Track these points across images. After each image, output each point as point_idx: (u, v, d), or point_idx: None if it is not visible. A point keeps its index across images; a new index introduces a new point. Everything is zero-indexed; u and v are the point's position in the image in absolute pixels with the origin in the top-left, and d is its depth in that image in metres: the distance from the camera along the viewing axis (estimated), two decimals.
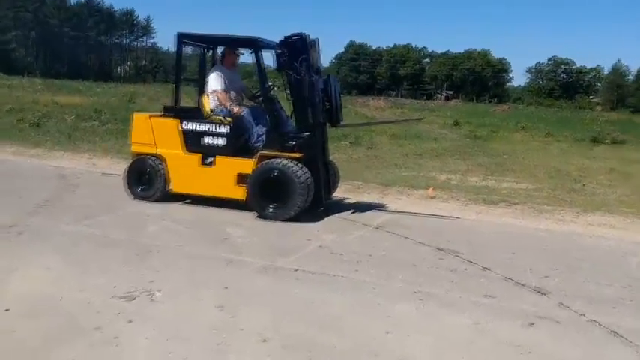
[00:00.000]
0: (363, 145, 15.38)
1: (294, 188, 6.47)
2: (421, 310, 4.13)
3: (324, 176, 7.08)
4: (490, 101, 62.62)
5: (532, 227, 7.17)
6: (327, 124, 7.23)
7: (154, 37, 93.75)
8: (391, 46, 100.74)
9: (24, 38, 75.11)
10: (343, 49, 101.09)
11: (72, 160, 10.78)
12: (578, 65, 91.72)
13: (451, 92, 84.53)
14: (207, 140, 6.99)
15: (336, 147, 12.75)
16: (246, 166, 6.75)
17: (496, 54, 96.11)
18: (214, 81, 7.21)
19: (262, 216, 6.60)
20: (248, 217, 6.61)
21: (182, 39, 7.34)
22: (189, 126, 7.08)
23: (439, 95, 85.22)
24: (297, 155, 6.70)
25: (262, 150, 6.80)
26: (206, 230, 6.09)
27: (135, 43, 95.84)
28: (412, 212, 7.53)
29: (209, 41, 7.74)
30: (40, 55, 73.56)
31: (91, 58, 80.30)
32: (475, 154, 15.40)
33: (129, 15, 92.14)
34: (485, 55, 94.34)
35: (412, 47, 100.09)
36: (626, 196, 9.61)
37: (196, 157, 7.01)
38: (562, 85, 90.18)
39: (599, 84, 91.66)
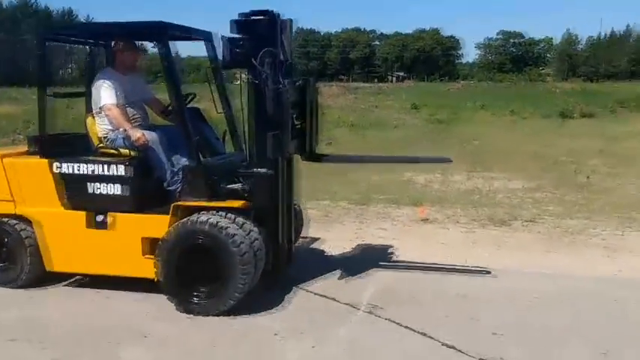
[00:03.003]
0: (321, 139, 13.03)
1: (232, 263, 3.95)
2: None
3: (286, 231, 4.57)
4: (441, 80, 60.87)
5: (587, 277, 4.92)
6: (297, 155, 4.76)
7: None
8: (340, 30, 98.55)
9: None
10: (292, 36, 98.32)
11: None
12: (527, 37, 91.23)
13: (402, 73, 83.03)
14: (96, 188, 4.41)
15: None
16: (157, 225, 4.23)
17: (446, 32, 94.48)
18: (102, 93, 4.57)
19: (184, 309, 4.13)
20: (163, 312, 4.10)
21: (44, 36, 4.76)
22: (66, 167, 4.48)
23: (390, 77, 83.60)
24: (236, 204, 4.22)
25: (180, 198, 4.32)
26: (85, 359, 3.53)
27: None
28: (413, 263, 5.20)
29: (89, 35, 5.11)
30: None
31: (30, 63, 75.12)
32: (443, 141, 13.87)
33: (68, 15, 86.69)
34: (435, 34, 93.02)
35: (362, 30, 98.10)
36: None
37: (81, 216, 4.44)
38: (512, 58, 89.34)
39: (549, 55, 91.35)
